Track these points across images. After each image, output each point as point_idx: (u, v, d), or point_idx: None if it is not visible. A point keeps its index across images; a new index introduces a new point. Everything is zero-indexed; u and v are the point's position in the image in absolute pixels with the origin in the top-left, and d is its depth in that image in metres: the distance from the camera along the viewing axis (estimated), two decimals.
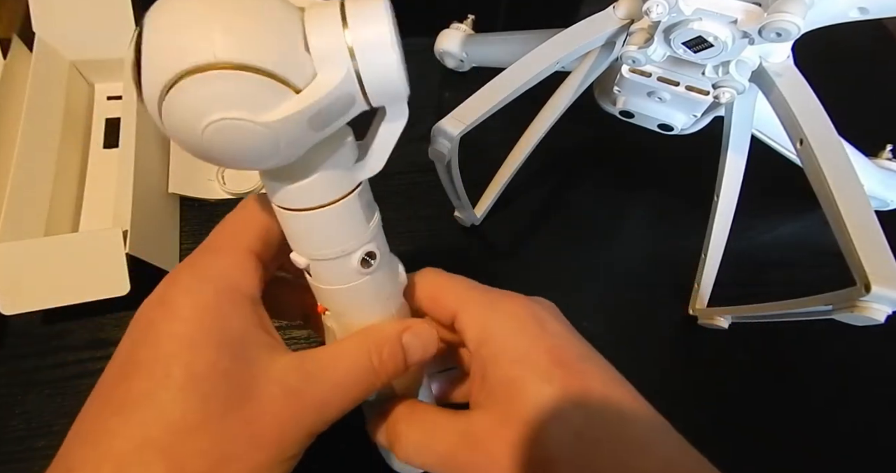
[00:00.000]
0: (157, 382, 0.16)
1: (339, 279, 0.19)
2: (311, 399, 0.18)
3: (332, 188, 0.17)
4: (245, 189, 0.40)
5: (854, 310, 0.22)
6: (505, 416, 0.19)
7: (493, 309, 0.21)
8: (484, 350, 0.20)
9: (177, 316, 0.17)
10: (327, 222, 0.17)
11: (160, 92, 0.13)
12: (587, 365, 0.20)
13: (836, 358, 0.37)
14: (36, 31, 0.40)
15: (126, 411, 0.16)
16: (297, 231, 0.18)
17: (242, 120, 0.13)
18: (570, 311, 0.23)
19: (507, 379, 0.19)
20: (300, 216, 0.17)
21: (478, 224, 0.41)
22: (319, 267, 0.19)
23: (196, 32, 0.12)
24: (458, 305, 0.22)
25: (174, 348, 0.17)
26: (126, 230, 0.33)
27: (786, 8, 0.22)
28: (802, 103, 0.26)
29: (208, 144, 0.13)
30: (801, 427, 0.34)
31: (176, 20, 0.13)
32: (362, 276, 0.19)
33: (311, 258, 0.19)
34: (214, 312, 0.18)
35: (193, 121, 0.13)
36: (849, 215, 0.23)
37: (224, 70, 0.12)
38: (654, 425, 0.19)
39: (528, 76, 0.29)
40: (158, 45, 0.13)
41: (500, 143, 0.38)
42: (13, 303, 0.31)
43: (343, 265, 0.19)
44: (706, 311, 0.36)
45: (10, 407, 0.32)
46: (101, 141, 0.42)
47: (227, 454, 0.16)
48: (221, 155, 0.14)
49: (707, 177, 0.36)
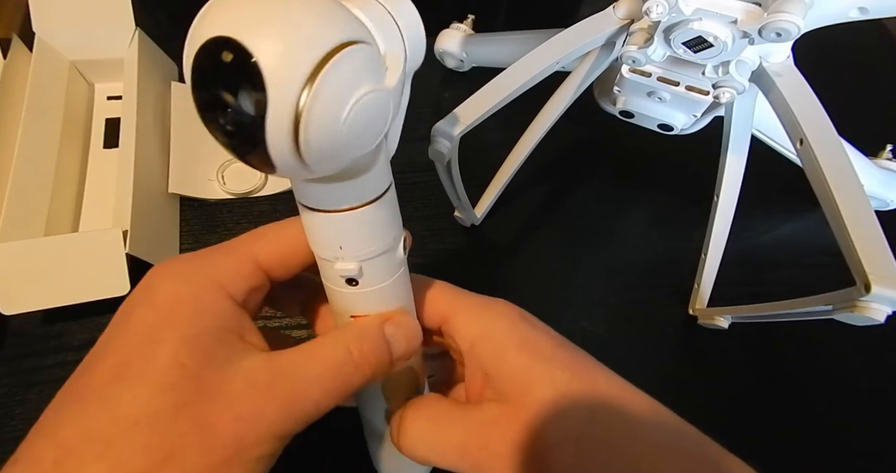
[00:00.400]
0: (116, 372, 0.16)
1: (388, 272, 0.19)
2: (277, 393, 0.17)
3: (385, 174, 0.17)
4: (245, 189, 0.41)
5: (854, 310, 0.22)
6: (521, 405, 0.18)
7: (486, 310, 0.21)
8: (481, 348, 0.20)
9: (152, 303, 0.17)
10: (385, 210, 0.17)
11: (297, 93, 0.12)
12: (583, 356, 0.20)
13: (836, 358, 0.37)
14: (36, 31, 0.40)
15: (83, 400, 0.16)
16: (354, 230, 0.17)
17: (376, 90, 0.13)
18: (570, 311, 0.23)
19: (515, 370, 0.19)
20: (364, 211, 0.17)
21: (478, 224, 0.41)
22: (370, 267, 0.18)
23: (309, 23, 0.12)
24: (448, 308, 0.22)
25: (139, 338, 0.17)
26: (126, 230, 0.33)
27: (786, 8, 0.22)
28: (802, 103, 0.26)
29: (350, 128, 0.13)
30: (801, 427, 0.34)
31: (280, 21, 0.12)
32: (402, 265, 0.19)
33: (364, 258, 0.18)
34: (190, 304, 0.17)
35: (339, 106, 0.12)
36: (849, 215, 0.23)
37: (348, 47, 0.12)
38: (653, 413, 0.19)
39: (528, 76, 0.29)
40: (283, 48, 0.11)
41: (500, 143, 0.38)
42: (13, 303, 0.31)
43: (392, 255, 0.18)
44: (706, 311, 0.36)
45: (10, 407, 0.32)
46: (101, 141, 0.42)
47: (172, 451, 0.15)
48: (360, 135, 0.14)
49: (707, 177, 0.36)
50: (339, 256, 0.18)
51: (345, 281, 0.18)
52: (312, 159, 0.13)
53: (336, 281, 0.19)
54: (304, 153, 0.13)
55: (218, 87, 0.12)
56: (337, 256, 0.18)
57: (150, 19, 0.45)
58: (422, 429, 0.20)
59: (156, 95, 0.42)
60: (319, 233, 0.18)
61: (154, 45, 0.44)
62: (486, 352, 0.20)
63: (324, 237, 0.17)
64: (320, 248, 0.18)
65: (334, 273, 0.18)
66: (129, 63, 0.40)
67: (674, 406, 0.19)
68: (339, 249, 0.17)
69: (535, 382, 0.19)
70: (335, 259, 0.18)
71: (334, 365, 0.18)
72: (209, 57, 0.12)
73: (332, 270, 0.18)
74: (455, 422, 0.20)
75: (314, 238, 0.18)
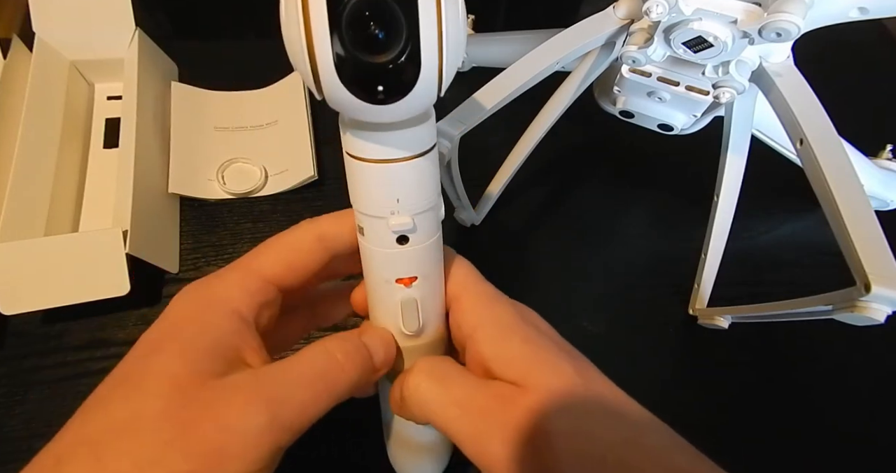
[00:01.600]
0: (117, 381, 0.18)
1: (434, 228, 0.20)
2: (261, 396, 0.17)
3: (433, 124, 0.18)
4: (245, 189, 0.41)
5: (854, 310, 0.22)
6: (526, 389, 0.19)
7: (494, 299, 0.22)
8: (482, 333, 0.20)
9: (162, 321, 0.19)
10: (435, 161, 0.18)
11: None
12: (584, 359, 0.21)
13: (836, 358, 0.37)
14: (36, 31, 0.40)
15: (89, 407, 0.17)
16: (414, 181, 0.18)
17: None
18: (570, 311, 0.23)
19: (518, 357, 0.19)
20: (422, 160, 0.18)
21: (478, 224, 0.41)
22: (422, 221, 0.19)
23: None
24: (458, 288, 0.22)
25: (142, 351, 0.18)
26: (126, 230, 0.33)
27: (786, 8, 0.22)
28: (802, 103, 0.26)
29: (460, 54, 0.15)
30: (801, 427, 0.34)
31: None
32: (440, 227, 0.20)
33: (418, 211, 0.19)
34: (192, 321, 0.19)
35: (459, 36, 0.15)
36: (849, 215, 0.23)
37: None
38: (647, 414, 0.19)
39: (528, 76, 0.29)
40: None
41: (500, 143, 0.38)
42: (13, 303, 0.31)
43: (437, 211, 0.20)
44: (706, 311, 0.36)
45: (10, 407, 0.32)
46: (101, 141, 0.42)
47: (157, 456, 0.16)
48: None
49: (707, 177, 0.36)
50: (396, 210, 0.18)
51: (395, 240, 0.19)
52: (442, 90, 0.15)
53: (385, 240, 0.19)
54: (442, 89, 0.15)
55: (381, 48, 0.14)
56: (393, 210, 0.18)
57: (150, 19, 0.45)
58: (428, 383, 0.20)
59: (156, 95, 0.42)
60: (379, 188, 0.18)
61: (154, 45, 0.44)
62: (488, 338, 0.20)
63: (384, 191, 0.18)
64: (376, 205, 0.19)
65: (386, 231, 0.19)
66: (129, 63, 0.40)
67: (674, 406, 0.19)
68: (395, 203, 0.18)
69: (540, 370, 0.19)
70: (391, 214, 0.18)
71: (317, 368, 0.19)
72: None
73: (384, 228, 0.19)
74: (464, 385, 0.20)
75: (372, 195, 0.18)
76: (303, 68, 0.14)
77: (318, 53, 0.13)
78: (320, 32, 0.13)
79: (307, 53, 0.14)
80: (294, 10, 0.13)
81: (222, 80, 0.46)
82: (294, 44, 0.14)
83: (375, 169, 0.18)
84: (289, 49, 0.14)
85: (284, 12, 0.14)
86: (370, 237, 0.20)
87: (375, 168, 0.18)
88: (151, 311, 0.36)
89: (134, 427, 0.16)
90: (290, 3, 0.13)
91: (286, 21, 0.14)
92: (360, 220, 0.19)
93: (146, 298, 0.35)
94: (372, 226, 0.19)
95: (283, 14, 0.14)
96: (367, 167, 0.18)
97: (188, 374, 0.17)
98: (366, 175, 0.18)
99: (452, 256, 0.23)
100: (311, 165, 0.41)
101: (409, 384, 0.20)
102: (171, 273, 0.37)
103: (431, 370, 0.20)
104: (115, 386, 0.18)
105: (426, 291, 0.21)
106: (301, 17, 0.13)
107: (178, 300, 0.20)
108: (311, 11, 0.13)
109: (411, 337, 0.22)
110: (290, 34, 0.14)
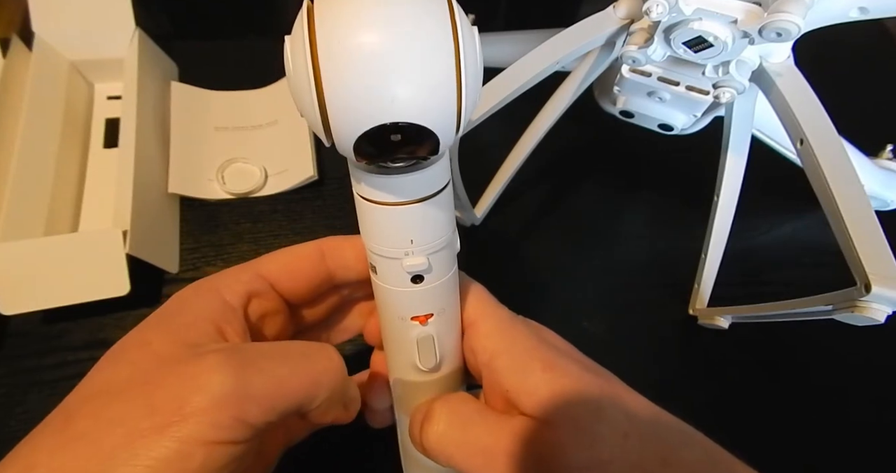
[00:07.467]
0: (104, 359, 0.18)
1: (450, 264, 0.19)
2: (231, 360, 0.17)
3: (447, 162, 0.18)
4: (245, 189, 0.41)
5: (854, 310, 0.22)
6: (551, 423, 0.18)
7: (510, 323, 0.21)
8: (500, 362, 0.20)
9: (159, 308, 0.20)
10: (450, 198, 0.18)
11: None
12: (607, 375, 0.20)
13: (836, 357, 0.37)
14: (36, 31, 0.40)
15: (77, 386, 0.18)
16: (427, 221, 0.18)
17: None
18: (570, 311, 0.23)
19: (539, 388, 0.19)
20: (437, 200, 0.17)
21: (478, 224, 0.41)
22: (437, 260, 0.18)
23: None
24: (473, 314, 0.21)
25: (131, 332, 0.19)
26: (126, 230, 0.33)
27: (786, 8, 0.22)
28: (802, 103, 0.26)
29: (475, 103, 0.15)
30: (801, 427, 0.34)
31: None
32: (456, 260, 0.20)
33: (432, 251, 0.18)
34: (181, 304, 0.20)
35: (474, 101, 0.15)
36: (849, 215, 0.23)
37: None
38: (680, 423, 0.19)
39: (528, 76, 0.29)
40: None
41: (500, 143, 0.38)
42: (13, 303, 0.31)
43: (453, 247, 0.19)
44: (706, 311, 0.36)
45: (10, 407, 0.32)
46: (101, 141, 0.42)
47: (114, 418, 0.16)
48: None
49: (707, 177, 0.36)
50: (410, 251, 0.18)
51: (410, 279, 0.19)
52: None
53: (400, 280, 0.19)
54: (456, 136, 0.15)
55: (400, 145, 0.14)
56: (407, 251, 0.18)
57: (150, 19, 0.45)
58: (450, 431, 0.19)
59: (156, 95, 0.42)
60: (393, 229, 0.18)
61: (154, 45, 0.44)
62: (507, 368, 0.20)
63: (397, 232, 0.18)
64: (389, 246, 0.18)
65: (401, 271, 0.18)
66: (129, 63, 0.40)
67: (673, 406, 0.19)
68: (409, 243, 0.18)
69: (566, 401, 0.18)
70: (405, 255, 0.18)
71: (299, 348, 0.19)
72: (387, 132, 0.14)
73: (398, 269, 0.18)
74: (487, 430, 0.19)
75: (385, 236, 0.18)
76: (314, 122, 0.14)
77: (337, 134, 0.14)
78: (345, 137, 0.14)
79: (322, 126, 0.14)
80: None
81: (222, 80, 0.46)
82: (307, 108, 0.14)
83: (388, 211, 0.17)
84: (299, 106, 0.15)
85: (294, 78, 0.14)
86: (383, 276, 0.19)
87: (388, 210, 0.17)
88: (151, 311, 0.35)
89: (104, 390, 0.17)
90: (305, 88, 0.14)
91: (296, 85, 0.14)
92: (373, 260, 0.19)
93: (146, 298, 0.35)
94: (385, 266, 0.19)
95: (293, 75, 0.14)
96: (380, 209, 0.17)
97: (167, 344, 0.18)
98: (378, 217, 0.17)
99: (465, 281, 0.22)
100: (311, 165, 0.41)
101: (429, 432, 0.20)
102: (171, 273, 0.37)
103: (451, 415, 0.20)
104: (100, 363, 0.18)
105: (443, 327, 0.20)
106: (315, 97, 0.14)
107: (176, 293, 0.20)
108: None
109: (428, 372, 0.21)
110: (304, 106, 0.14)
